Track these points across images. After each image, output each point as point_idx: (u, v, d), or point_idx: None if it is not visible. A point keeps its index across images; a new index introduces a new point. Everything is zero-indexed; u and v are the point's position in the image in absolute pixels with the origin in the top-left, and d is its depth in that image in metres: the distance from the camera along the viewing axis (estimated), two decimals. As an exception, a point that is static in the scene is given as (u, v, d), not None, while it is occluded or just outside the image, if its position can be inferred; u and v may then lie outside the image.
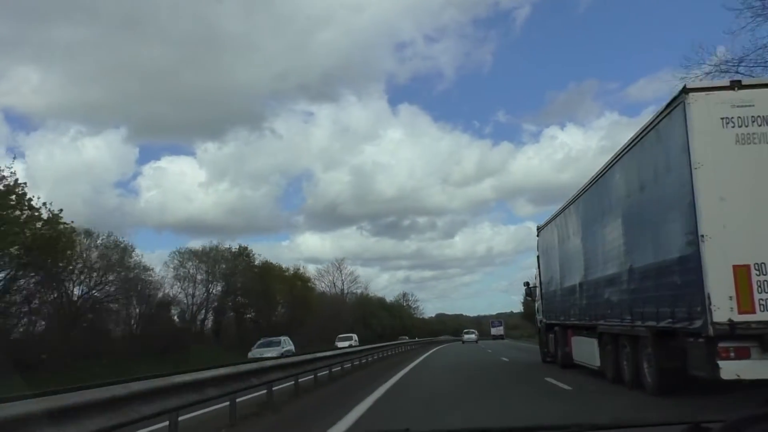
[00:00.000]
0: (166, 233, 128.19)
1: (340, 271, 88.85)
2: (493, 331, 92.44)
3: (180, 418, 7.20)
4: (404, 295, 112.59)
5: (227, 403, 9.02)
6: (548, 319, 18.16)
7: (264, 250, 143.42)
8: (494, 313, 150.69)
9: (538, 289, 20.08)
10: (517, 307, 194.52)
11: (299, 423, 9.62)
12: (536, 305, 20.93)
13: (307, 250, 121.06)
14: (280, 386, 12.70)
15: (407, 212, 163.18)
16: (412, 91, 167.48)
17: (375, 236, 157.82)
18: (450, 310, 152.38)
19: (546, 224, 18.24)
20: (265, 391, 10.93)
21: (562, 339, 16.33)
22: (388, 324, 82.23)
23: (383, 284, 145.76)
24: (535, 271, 20.86)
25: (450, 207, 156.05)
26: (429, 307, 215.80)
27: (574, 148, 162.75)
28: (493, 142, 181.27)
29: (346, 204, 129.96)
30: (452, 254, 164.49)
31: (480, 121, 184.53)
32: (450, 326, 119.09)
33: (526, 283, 22.17)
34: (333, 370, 16.97)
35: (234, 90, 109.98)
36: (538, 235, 19.38)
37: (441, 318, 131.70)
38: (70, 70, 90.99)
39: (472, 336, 66.13)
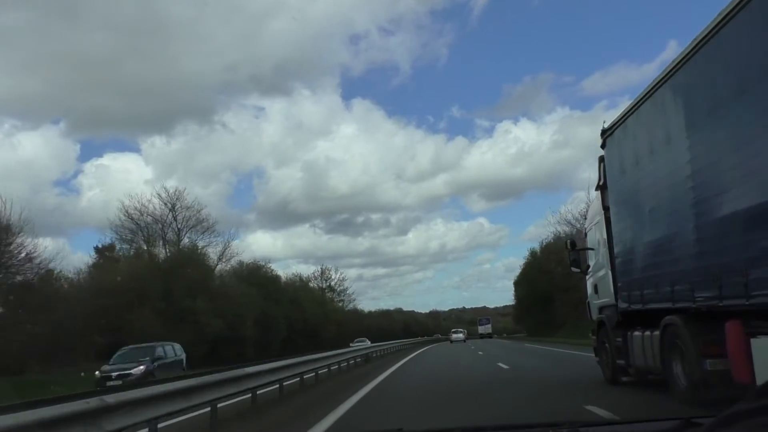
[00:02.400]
0: (109, 234, 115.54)
1: (173, 213, 46.92)
2: (481, 329, 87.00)
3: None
4: (322, 272, 77.71)
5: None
6: (638, 303, 9.02)
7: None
8: (446, 309, 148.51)
9: (598, 252, 11.15)
10: (470, 303, 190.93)
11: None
12: (589, 281, 12.00)
13: (258, 249, 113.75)
14: None
15: (361, 209, 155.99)
16: (367, 85, 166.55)
17: (328, 234, 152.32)
18: (402, 307, 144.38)
19: (631, 111, 9.07)
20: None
21: (697, 341, 7.28)
22: (252, 312, 42.89)
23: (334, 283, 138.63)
24: (588, 226, 11.99)
25: (404, 203, 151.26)
26: (382, 306, 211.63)
27: (527, 142, 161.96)
28: (448, 137, 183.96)
29: (299, 201, 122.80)
30: (405, 251, 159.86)
31: (434, 116, 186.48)
32: (399, 320, 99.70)
33: (572, 244, 12.89)
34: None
35: (182, 81, 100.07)
36: (604, 146, 10.23)
37: (387, 313, 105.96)
38: (2, 59, 79.41)
39: (460, 335, 65.41)
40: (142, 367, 19.51)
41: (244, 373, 9.87)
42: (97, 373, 19.90)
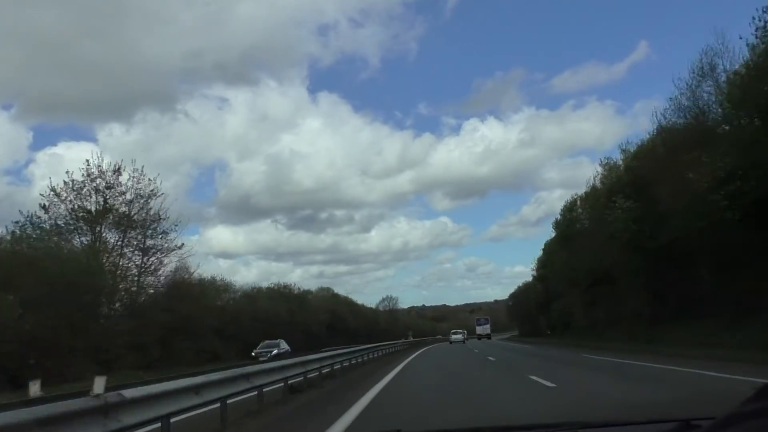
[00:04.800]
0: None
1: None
2: (479, 329, 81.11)
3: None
4: (147, 203, 33.35)
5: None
6: None
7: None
8: (407, 306, 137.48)
9: None
10: (430, 302, 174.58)
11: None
12: None
13: (218, 244, 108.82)
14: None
15: (325, 205, 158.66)
16: (334, 79, 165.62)
17: (290, 230, 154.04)
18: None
19: None
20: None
21: None
22: None
23: (294, 280, 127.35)
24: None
25: (368, 200, 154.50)
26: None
27: (493, 140, 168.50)
28: (415, 133, 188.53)
29: (261, 195, 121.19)
30: (367, 249, 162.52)
31: (402, 111, 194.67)
32: (321, 309, 62.89)
33: None
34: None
35: (142, 66, 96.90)
36: None
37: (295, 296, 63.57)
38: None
39: (459, 336, 63.61)
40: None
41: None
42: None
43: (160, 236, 33.51)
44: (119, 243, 32.11)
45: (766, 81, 19.60)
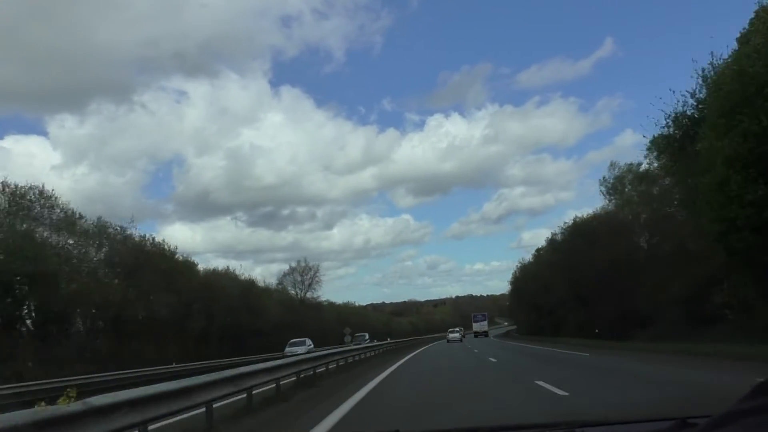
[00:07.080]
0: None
1: None
2: (476, 326, 78.18)
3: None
4: None
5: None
6: None
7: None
8: (365, 303, 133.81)
9: None
10: (389, 298, 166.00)
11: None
12: None
13: (175, 242, 58.04)
14: None
15: (286, 201, 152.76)
16: (297, 72, 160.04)
17: (250, 227, 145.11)
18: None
19: None
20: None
21: None
22: None
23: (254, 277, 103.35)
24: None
25: (330, 196, 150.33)
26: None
27: (457, 136, 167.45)
28: (379, 128, 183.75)
29: (221, 192, 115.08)
30: (329, 246, 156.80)
31: (366, 106, 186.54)
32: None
33: None
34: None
35: (96, 53, 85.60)
36: None
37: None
38: None
39: (457, 335, 61.48)
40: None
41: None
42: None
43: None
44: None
45: None
